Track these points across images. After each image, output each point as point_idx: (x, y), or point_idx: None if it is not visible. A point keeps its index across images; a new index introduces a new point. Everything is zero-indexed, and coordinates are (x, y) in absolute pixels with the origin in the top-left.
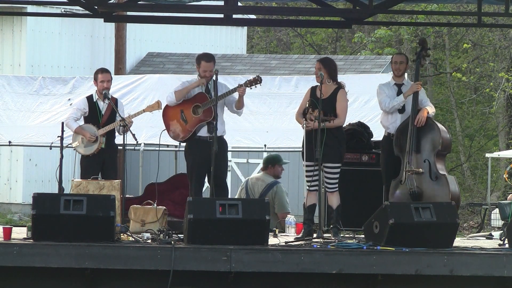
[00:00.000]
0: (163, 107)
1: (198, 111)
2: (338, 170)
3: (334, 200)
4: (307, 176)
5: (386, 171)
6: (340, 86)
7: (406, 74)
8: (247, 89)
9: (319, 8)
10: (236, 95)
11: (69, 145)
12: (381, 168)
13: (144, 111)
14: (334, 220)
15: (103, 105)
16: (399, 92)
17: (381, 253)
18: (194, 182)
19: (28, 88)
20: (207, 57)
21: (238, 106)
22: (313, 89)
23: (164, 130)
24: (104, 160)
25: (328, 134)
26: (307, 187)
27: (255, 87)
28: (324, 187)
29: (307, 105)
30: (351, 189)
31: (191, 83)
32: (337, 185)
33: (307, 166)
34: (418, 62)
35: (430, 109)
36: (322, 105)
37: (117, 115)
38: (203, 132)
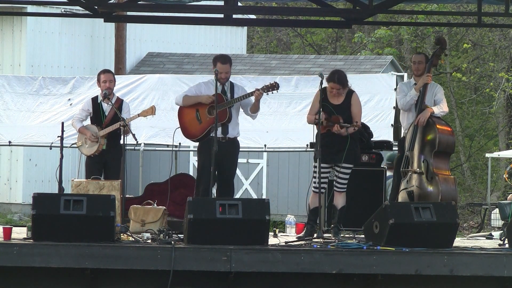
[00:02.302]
0: (157, 112)
1: (213, 112)
2: (350, 171)
3: (340, 200)
4: (317, 178)
5: (397, 170)
6: (351, 90)
7: None
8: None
9: (319, 8)
10: (252, 98)
11: (73, 145)
12: (394, 167)
13: (138, 115)
14: (336, 220)
15: (106, 107)
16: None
17: (381, 253)
18: (203, 182)
19: (28, 88)
20: (223, 59)
21: (253, 109)
22: (323, 92)
23: (178, 128)
24: (106, 161)
25: (346, 136)
26: (315, 188)
27: (272, 93)
28: (325, 187)
29: (321, 110)
30: (351, 189)
31: (202, 94)
32: (346, 186)
33: (321, 167)
34: (430, 61)
35: (437, 109)
36: (337, 111)
37: (120, 120)
38: (217, 132)
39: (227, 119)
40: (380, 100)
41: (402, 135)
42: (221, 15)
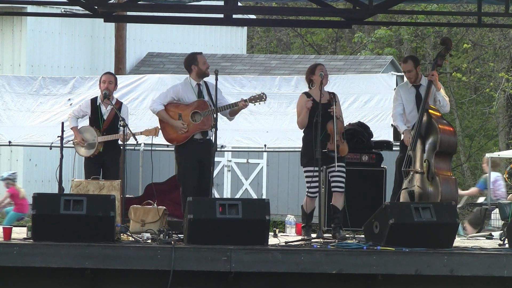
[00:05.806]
0: (160, 133)
1: (196, 119)
2: (345, 169)
3: (341, 202)
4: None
5: (399, 169)
6: (333, 92)
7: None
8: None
9: (319, 8)
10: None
11: (70, 141)
12: (395, 167)
13: (141, 133)
14: (339, 221)
15: (105, 110)
16: (417, 94)
17: (381, 253)
18: (188, 186)
19: (28, 88)
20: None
21: (233, 114)
22: (307, 95)
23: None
24: (104, 162)
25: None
26: (311, 193)
27: (259, 104)
28: (325, 188)
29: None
30: (351, 189)
31: (180, 95)
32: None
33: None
34: (435, 61)
35: (443, 92)
36: (323, 109)
37: (119, 120)
38: (197, 135)
39: (212, 126)
40: (380, 100)
41: None
42: (221, 15)
